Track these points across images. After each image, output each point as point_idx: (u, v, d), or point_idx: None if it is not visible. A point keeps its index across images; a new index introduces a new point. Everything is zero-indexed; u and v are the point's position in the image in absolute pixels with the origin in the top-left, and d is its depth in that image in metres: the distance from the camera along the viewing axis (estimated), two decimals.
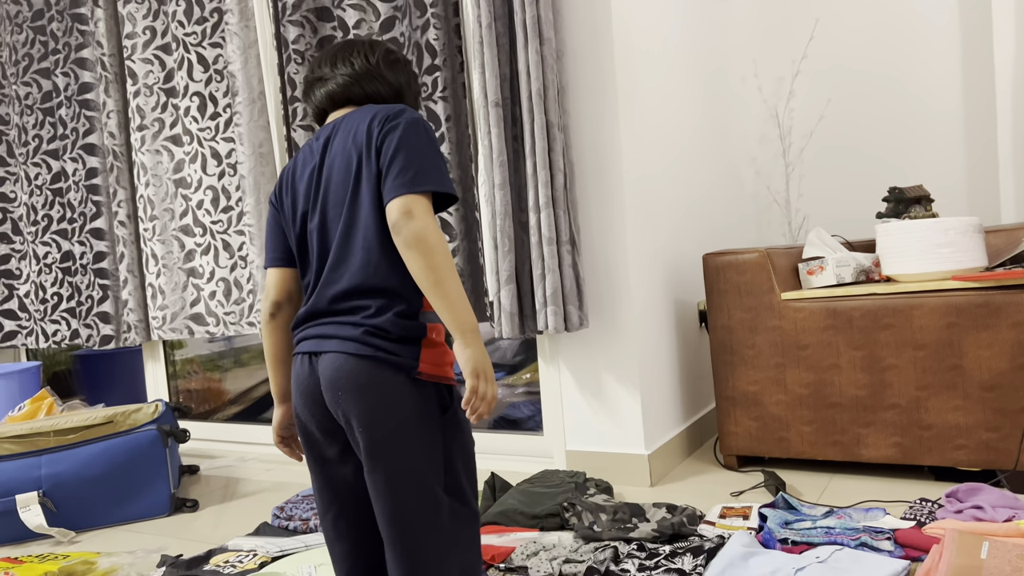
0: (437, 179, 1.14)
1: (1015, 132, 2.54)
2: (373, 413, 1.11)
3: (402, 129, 1.15)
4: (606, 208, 2.28)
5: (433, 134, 1.19)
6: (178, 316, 3.02)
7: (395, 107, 1.20)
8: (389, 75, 1.30)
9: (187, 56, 2.89)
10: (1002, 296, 1.94)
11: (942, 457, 2.03)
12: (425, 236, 1.08)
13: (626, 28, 2.29)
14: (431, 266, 1.08)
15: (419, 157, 1.14)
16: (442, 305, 1.08)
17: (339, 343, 1.14)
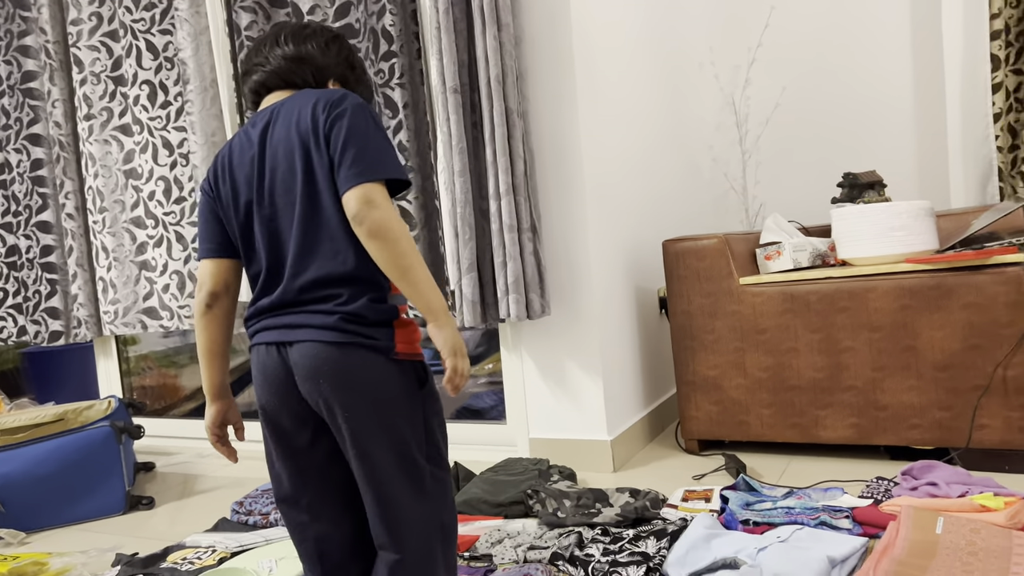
0: (392, 166, 1.13)
1: (963, 119, 2.59)
2: (361, 399, 1.12)
3: (349, 116, 1.14)
4: (567, 195, 2.28)
5: (378, 118, 1.18)
6: (131, 310, 2.95)
7: (336, 92, 1.18)
8: (328, 58, 1.29)
9: (135, 43, 2.82)
10: (953, 278, 1.98)
11: (897, 436, 2.07)
12: (388, 225, 1.08)
13: (584, 14, 2.28)
14: (397, 253, 1.08)
15: (370, 144, 1.13)
16: (412, 291, 1.09)
17: (314, 332, 1.13)
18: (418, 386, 1.17)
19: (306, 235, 1.14)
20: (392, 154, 1.14)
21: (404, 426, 1.14)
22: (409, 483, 1.14)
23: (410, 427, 1.15)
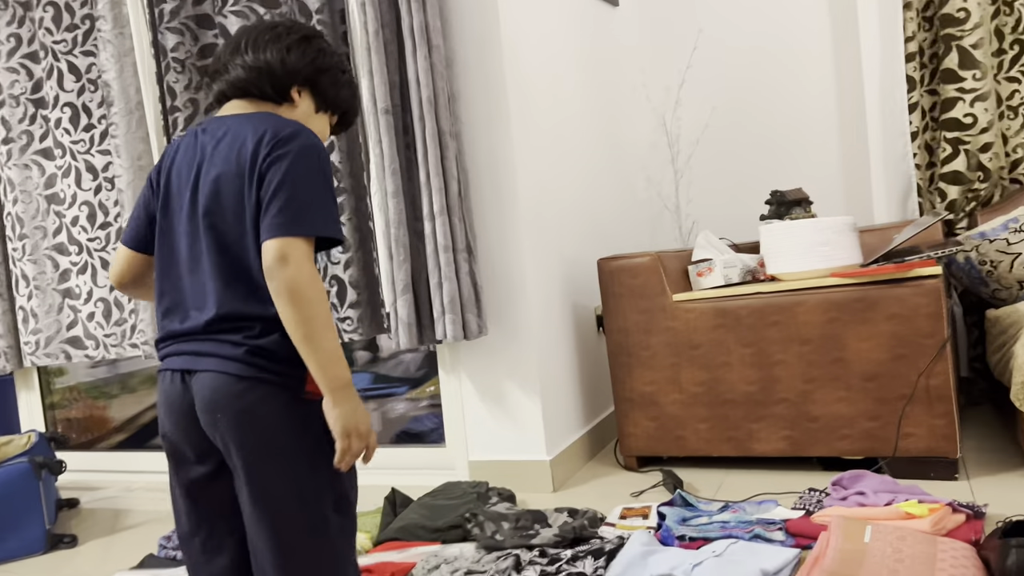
0: (320, 220, 1.06)
1: (883, 138, 2.69)
2: (259, 439, 1.07)
3: (290, 159, 1.07)
4: (502, 215, 2.28)
5: (326, 163, 1.11)
6: (53, 340, 2.84)
7: (288, 127, 1.10)
8: (291, 65, 1.20)
9: (57, 65, 2.73)
10: (877, 291, 2.04)
11: (828, 448, 2.11)
12: (298, 287, 1.02)
13: (515, 36, 2.30)
14: (302, 319, 1.03)
15: (303, 193, 1.06)
16: (312, 360, 1.03)
17: (219, 362, 1.08)
18: (325, 429, 1.09)
19: (226, 268, 1.09)
20: (326, 207, 1.08)
21: (303, 473, 1.08)
22: (308, 533, 1.07)
23: (311, 474, 1.08)
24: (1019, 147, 2.60)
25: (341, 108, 1.30)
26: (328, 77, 1.25)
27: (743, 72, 3.01)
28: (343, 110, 1.31)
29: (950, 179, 2.59)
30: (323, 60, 1.24)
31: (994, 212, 2.52)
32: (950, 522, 1.61)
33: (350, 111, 1.32)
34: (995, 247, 2.36)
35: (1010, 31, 2.59)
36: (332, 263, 2.36)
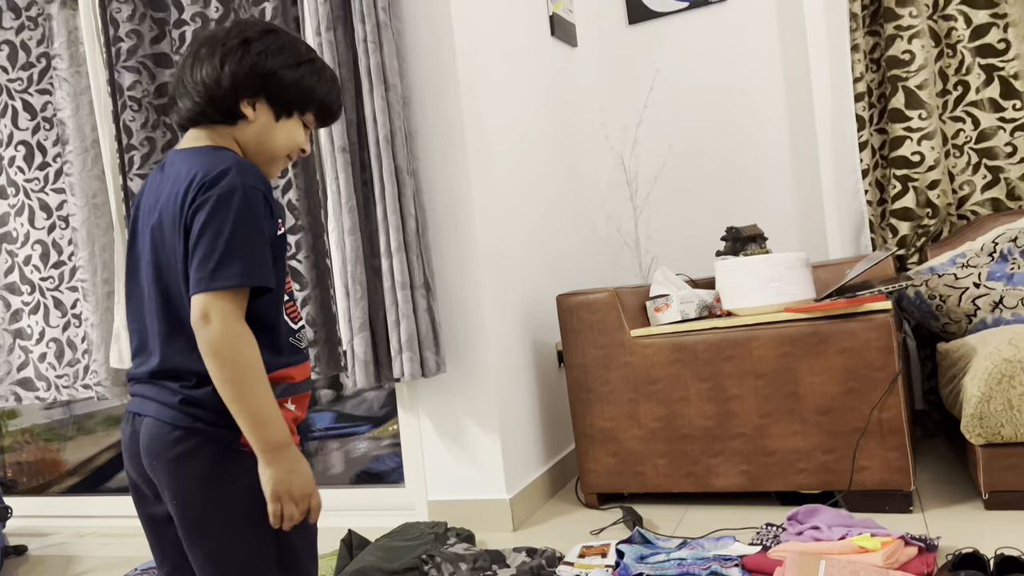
0: (240, 270, 1.01)
1: (836, 175, 2.75)
2: (188, 490, 1.04)
3: (210, 206, 1.01)
4: (460, 252, 2.29)
5: (253, 203, 1.04)
6: (3, 382, 2.77)
7: (217, 166, 1.04)
8: (228, 79, 1.09)
9: (11, 103, 2.71)
10: (829, 325, 2.07)
11: (785, 482, 2.12)
12: (220, 347, 0.99)
13: (473, 75, 2.32)
14: (228, 380, 1.00)
15: (223, 243, 1.00)
16: (242, 421, 1.01)
17: (157, 408, 1.07)
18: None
19: (168, 319, 1.08)
20: (250, 253, 1.02)
21: (239, 528, 1.05)
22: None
23: (249, 529, 1.05)
24: (965, 184, 2.68)
25: (311, 104, 1.16)
26: (279, 78, 1.12)
27: (699, 112, 3.07)
28: (316, 104, 1.17)
29: (900, 215, 2.65)
30: (268, 61, 1.11)
31: (943, 247, 2.58)
32: (903, 555, 1.62)
33: (325, 102, 1.18)
34: (944, 282, 2.41)
35: (953, 72, 2.67)
36: None
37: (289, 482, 1.02)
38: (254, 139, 1.14)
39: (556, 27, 2.96)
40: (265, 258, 1.04)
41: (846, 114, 2.70)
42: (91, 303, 2.58)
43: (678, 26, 3.10)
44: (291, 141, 1.16)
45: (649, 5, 3.14)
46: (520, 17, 2.72)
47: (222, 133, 1.13)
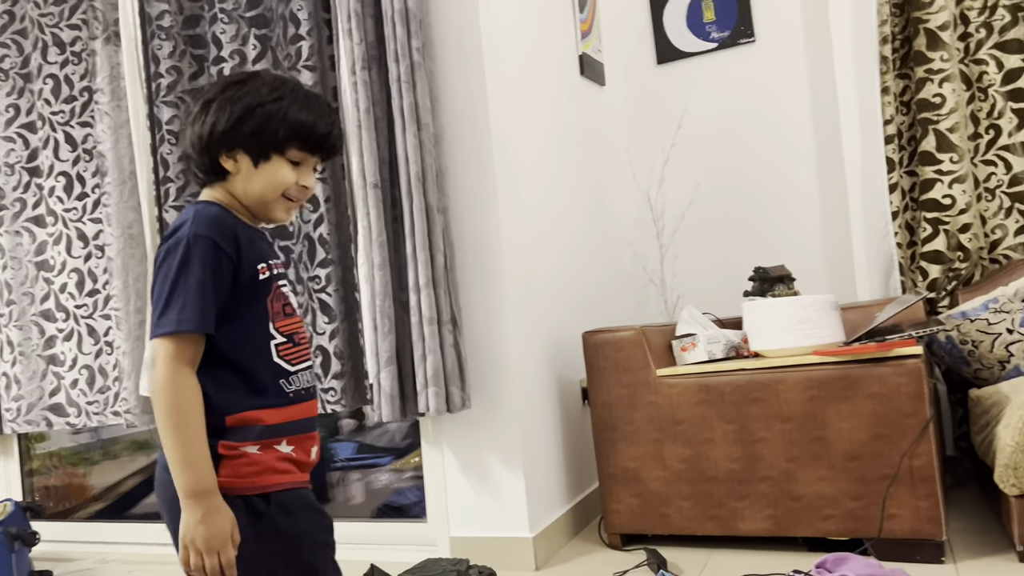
0: (176, 316, 1.06)
1: (865, 217, 2.73)
2: (174, 530, 1.09)
3: (161, 257, 1.11)
4: (487, 288, 2.30)
5: (199, 252, 1.08)
6: (35, 407, 2.81)
7: (178, 222, 1.13)
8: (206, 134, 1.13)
9: (53, 135, 2.79)
10: (858, 369, 2.05)
11: (812, 528, 2.09)
12: (156, 390, 1.06)
13: (502, 113, 2.36)
14: (160, 422, 1.06)
15: (164, 295, 1.07)
16: (169, 462, 1.06)
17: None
18: (248, 522, 1.09)
19: None
20: (182, 303, 1.06)
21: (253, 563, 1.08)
22: None
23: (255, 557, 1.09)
24: (997, 228, 2.65)
25: (285, 140, 1.14)
26: (249, 123, 1.13)
27: (727, 151, 3.08)
28: (291, 138, 1.15)
29: (931, 258, 2.63)
30: (235, 108, 1.13)
31: (975, 291, 2.55)
32: None
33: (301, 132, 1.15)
34: (976, 327, 2.38)
35: (985, 116, 2.66)
36: (317, 333, 2.36)
37: (197, 532, 1.04)
38: (241, 189, 1.17)
39: (585, 67, 2.99)
40: (203, 305, 1.07)
41: (876, 156, 2.69)
42: (123, 331, 2.63)
43: (707, 66, 3.12)
44: (275, 183, 1.16)
45: (678, 45, 3.18)
46: (550, 57, 2.76)
47: (217, 188, 1.19)
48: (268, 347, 1.15)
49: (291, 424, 1.16)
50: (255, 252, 1.15)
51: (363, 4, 2.21)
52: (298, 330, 1.20)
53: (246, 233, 1.15)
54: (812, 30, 2.96)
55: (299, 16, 2.33)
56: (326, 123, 1.18)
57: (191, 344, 1.08)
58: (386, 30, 2.20)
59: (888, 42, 2.66)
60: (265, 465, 1.12)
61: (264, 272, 1.16)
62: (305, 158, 1.18)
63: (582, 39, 3.00)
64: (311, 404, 1.21)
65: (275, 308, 1.17)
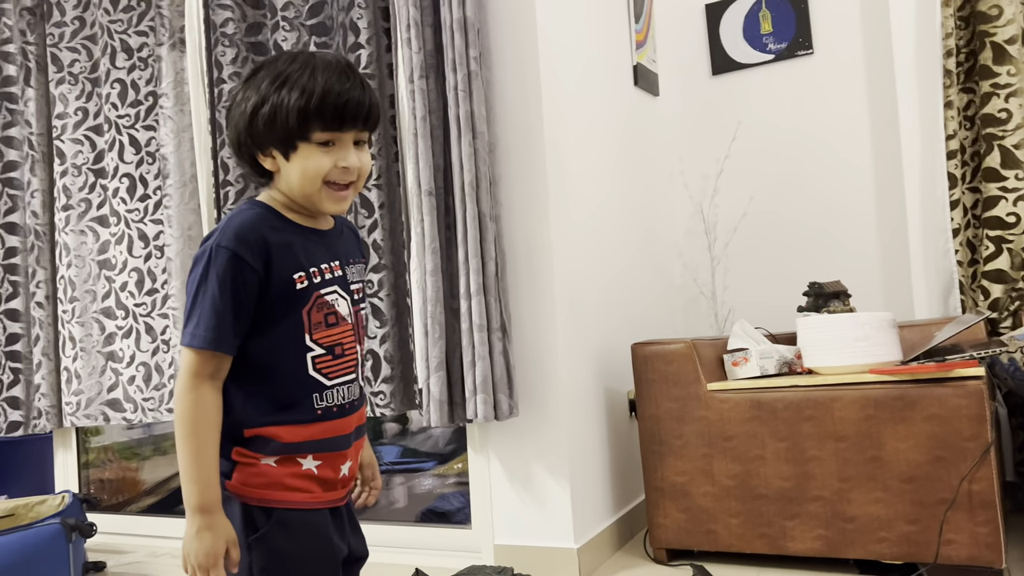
0: (191, 330, 1.06)
1: (924, 233, 2.68)
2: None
3: (191, 266, 1.10)
4: (537, 296, 2.30)
5: (216, 265, 1.05)
6: (93, 402, 2.89)
7: (215, 228, 1.13)
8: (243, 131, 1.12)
9: (119, 138, 2.87)
10: (916, 390, 2.00)
11: (865, 550, 2.04)
12: (174, 400, 1.08)
13: (556, 122, 2.36)
14: (176, 433, 1.07)
15: (190, 307, 1.07)
16: (180, 473, 1.07)
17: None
18: (245, 531, 1.09)
19: None
20: (197, 318, 1.06)
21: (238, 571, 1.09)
22: None
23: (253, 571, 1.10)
24: None
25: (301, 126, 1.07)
26: (260, 121, 1.09)
27: (782, 164, 3.04)
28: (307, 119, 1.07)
29: (993, 277, 2.56)
30: (245, 109, 1.10)
31: None
32: None
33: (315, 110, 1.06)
34: None
35: None
36: (369, 337, 2.39)
37: (191, 546, 1.05)
38: (285, 184, 1.13)
39: (639, 77, 2.98)
40: (216, 323, 1.05)
41: (937, 171, 2.63)
42: (180, 330, 2.68)
43: (763, 78, 3.09)
44: (308, 173, 1.09)
45: (733, 57, 3.15)
46: (605, 67, 2.76)
47: (271, 188, 1.16)
48: (304, 359, 1.11)
49: (317, 442, 1.13)
50: (290, 260, 1.10)
51: (422, 13, 2.24)
52: (341, 341, 1.15)
53: (282, 238, 1.10)
54: (873, 42, 2.91)
55: (359, 25, 2.36)
56: (337, 93, 1.07)
57: (209, 358, 1.06)
58: (444, 39, 2.22)
59: (952, 55, 2.60)
60: (275, 479, 1.10)
61: (302, 281, 1.10)
62: (336, 136, 1.09)
63: (637, 49, 2.99)
64: (346, 420, 1.16)
65: (314, 319, 1.11)
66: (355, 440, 1.20)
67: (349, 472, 1.19)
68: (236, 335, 1.07)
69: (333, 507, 1.18)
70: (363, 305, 1.23)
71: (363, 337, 1.22)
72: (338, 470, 1.16)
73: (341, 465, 1.16)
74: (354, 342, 1.17)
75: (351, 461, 1.19)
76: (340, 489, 1.18)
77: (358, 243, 1.28)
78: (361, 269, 1.24)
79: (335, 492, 1.17)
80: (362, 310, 1.22)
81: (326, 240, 1.17)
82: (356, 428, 1.20)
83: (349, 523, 1.23)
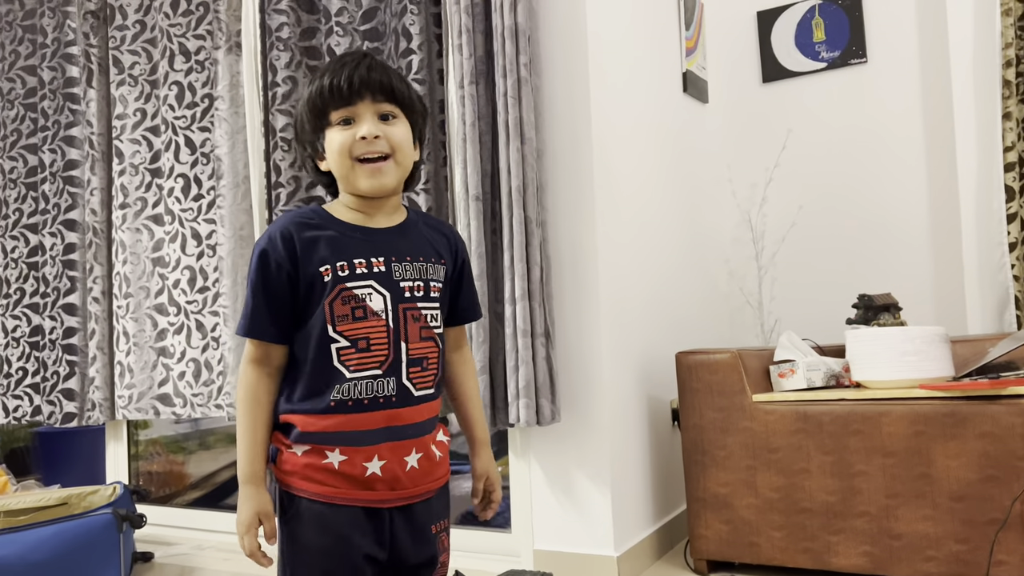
0: (241, 324, 1.19)
1: (979, 247, 2.62)
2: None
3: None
4: (582, 303, 2.31)
5: (256, 262, 1.18)
6: (145, 396, 2.96)
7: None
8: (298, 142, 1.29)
9: (175, 138, 2.94)
10: (968, 407, 1.96)
11: (912, 568, 2.00)
12: (238, 381, 1.21)
13: (605, 130, 2.36)
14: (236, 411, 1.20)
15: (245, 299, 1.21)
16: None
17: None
18: (280, 513, 1.19)
19: None
20: (245, 309, 1.18)
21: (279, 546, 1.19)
22: None
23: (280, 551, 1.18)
24: None
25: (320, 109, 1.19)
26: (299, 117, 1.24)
27: (833, 174, 3.00)
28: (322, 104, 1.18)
29: None
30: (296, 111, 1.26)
31: None
32: None
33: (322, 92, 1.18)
34: None
35: None
36: None
37: (238, 517, 1.17)
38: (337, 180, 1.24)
39: (688, 84, 2.97)
40: (254, 312, 1.17)
41: (994, 184, 2.58)
42: (230, 328, 2.74)
43: (815, 86, 3.06)
44: (336, 151, 1.18)
45: (785, 64, 3.12)
46: (654, 74, 2.75)
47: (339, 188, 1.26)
48: (328, 350, 1.15)
49: (334, 434, 1.14)
50: (317, 253, 1.16)
51: (474, 20, 2.26)
52: (368, 336, 1.15)
53: (314, 234, 1.17)
54: (928, 52, 2.86)
55: (411, 31, 2.39)
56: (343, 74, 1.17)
57: (255, 345, 1.18)
58: (495, 46, 2.24)
59: (1012, 65, 2.54)
60: (297, 468, 1.15)
61: (327, 274, 1.15)
62: (352, 112, 1.17)
63: (687, 56, 2.98)
64: (371, 416, 1.15)
65: (339, 311, 1.14)
66: (391, 440, 1.17)
67: (387, 473, 1.16)
68: (274, 324, 1.17)
69: (371, 507, 1.17)
70: (423, 304, 1.21)
71: (416, 336, 1.19)
72: (362, 468, 1.15)
73: (364, 462, 1.15)
74: (385, 338, 1.16)
75: (376, 459, 1.15)
76: (382, 490, 1.17)
77: (441, 242, 1.29)
78: (427, 268, 1.23)
79: (371, 492, 1.16)
80: (421, 309, 1.21)
81: (376, 236, 1.21)
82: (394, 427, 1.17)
83: (410, 529, 1.21)
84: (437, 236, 1.28)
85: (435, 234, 1.28)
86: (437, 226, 1.31)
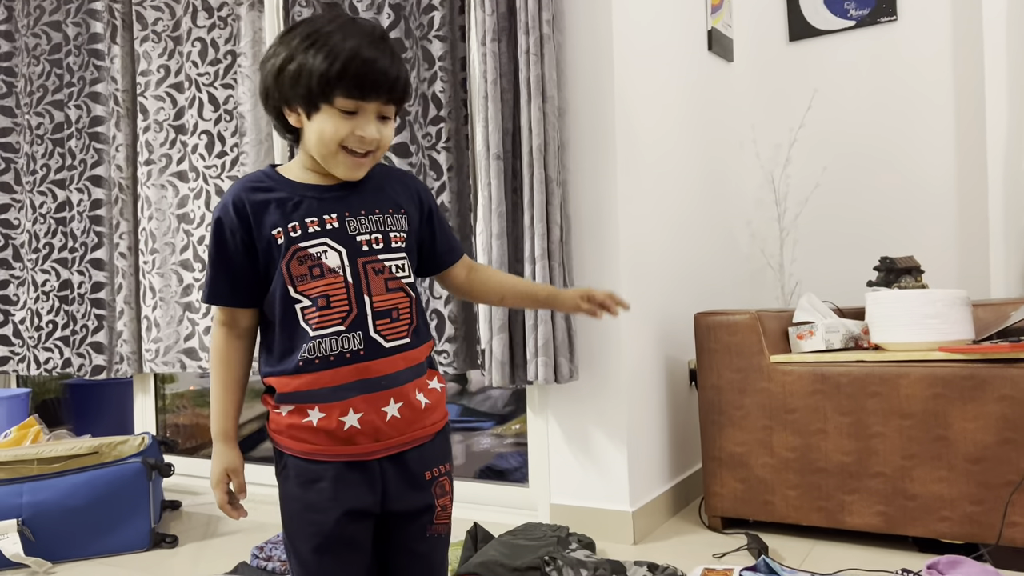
0: (203, 290, 1.22)
1: (1007, 209, 2.59)
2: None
3: None
4: (601, 262, 2.32)
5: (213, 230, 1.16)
6: (171, 349, 3.03)
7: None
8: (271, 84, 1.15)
9: (199, 95, 2.96)
10: (987, 369, 1.96)
11: (926, 528, 2.03)
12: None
13: (627, 88, 2.35)
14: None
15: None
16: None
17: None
18: (277, 470, 1.21)
19: None
20: (208, 277, 1.19)
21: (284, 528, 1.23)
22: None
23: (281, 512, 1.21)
24: None
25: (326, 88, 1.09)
26: (286, 78, 1.11)
27: (858, 135, 2.96)
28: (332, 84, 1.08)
29: None
30: (275, 63, 1.13)
31: None
32: None
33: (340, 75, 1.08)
34: None
35: None
36: (434, 297, 2.44)
37: (210, 470, 1.23)
38: (305, 143, 1.15)
39: (713, 42, 2.93)
40: (212, 278, 1.19)
41: (1023, 148, 2.54)
42: None
43: (842, 45, 3.00)
44: (324, 136, 1.11)
45: (812, 23, 3.06)
46: (678, 31, 2.72)
47: (301, 146, 1.18)
48: (293, 311, 1.14)
49: (306, 393, 1.14)
50: (269, 217, 1.14)
51: None
52: (327, 293, 1.13)
53: (265, 197, 1.14)
54: (961, 10, 2.79)
55: None
56: (362, 60, 1.09)
57: (219, 309, 1.20)
58: (518, 2, 2.22)
59: None
60: (281, 428, 1.18)
61: (280, 237, 1.13)
62: (359, 106, 1.11)
63: (712, 14, 2.93)
64: (338, 371, 1.13)
65: (296, 271, 1.13)
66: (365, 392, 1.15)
67: (366, 425, 1.14)
68: (233, 290, 1.18)
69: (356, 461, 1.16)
70: (386, 256, 1.17)
71: (380, 288, 1.16)
72: (341, 423, 1.14)
73: (342, 417, 1.14)
74: (345, 294, 1.14)
75: (352, 412, 1.14)
76: (365, 443, 1.15)
77: (400, 192, 1.24)
78: (385, 219, 1.18)
79: (353, 447, 1.15)
80: (383, 261, 1.17)
81: (327, 193, 1.17)
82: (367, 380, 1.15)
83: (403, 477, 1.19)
84: (396, 186, 1.24)
85: (394, 184, 1.24)
86: (398, 176, 1.27)
